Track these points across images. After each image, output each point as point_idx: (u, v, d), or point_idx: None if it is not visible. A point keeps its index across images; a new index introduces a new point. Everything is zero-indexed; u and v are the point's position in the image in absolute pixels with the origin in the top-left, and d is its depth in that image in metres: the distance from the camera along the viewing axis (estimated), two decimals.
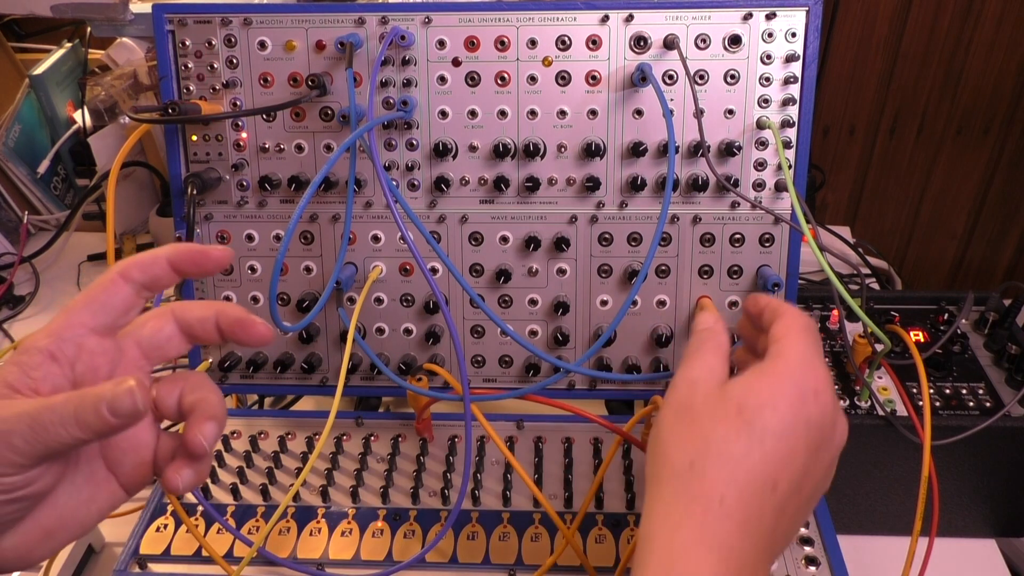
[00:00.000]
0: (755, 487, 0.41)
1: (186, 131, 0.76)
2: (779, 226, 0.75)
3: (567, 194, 0.75)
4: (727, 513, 0.41)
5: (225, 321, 0.45)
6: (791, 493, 0.43)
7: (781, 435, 0.42)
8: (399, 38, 0.72)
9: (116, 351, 0.44)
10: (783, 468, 0.42)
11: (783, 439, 0.42)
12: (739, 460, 0.42)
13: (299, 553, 0.67)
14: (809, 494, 0.45)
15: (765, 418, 0.42)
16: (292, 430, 0.78)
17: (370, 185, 0.77)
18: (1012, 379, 0.76)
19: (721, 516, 0.41)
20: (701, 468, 0.42)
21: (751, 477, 0.41)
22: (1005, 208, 1.59)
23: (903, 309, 0.85)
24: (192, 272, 0.46)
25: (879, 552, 0.74)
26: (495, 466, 0.75)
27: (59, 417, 0.38)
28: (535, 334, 0.79)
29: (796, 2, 0.70)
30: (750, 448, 0.42)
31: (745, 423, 0.42)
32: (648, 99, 0.73)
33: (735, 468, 0.42)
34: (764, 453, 0.42)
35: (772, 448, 0.42)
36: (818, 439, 0.44)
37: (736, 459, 0.42)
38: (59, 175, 1.36)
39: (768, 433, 0.42)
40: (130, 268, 0.44)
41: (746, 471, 0.41)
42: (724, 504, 0.41)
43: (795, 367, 0.44)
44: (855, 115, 1.52)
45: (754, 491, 0.41)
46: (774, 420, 0.42)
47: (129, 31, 0.91)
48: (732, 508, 0.41)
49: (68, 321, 0.42)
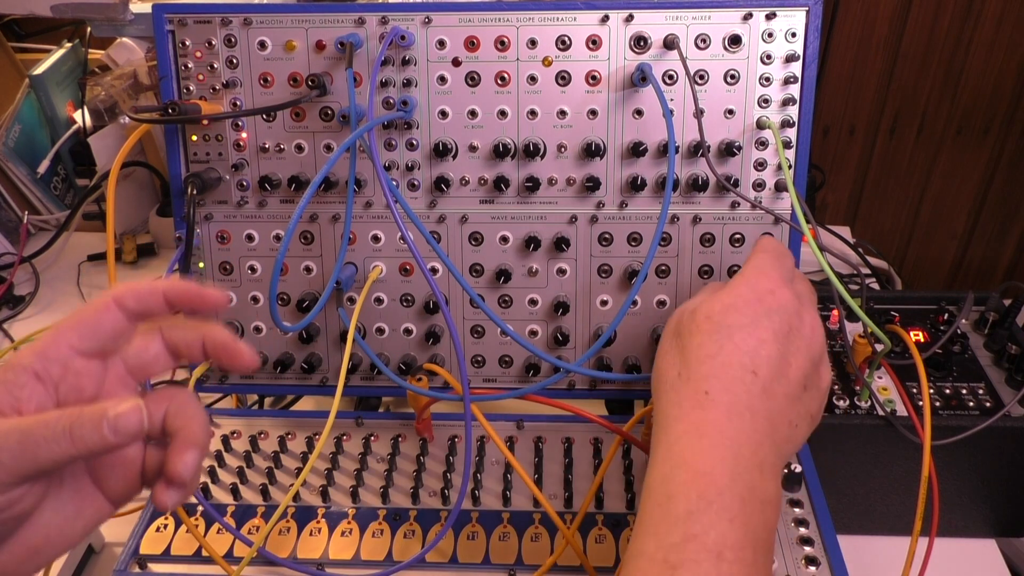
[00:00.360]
0: (733, 374, 0.47)
1: (186, 131, 0.76)
2: (779, 226, 0.75)
3: (567, 194, 0.75)
4: (712, 402, 0.46)
5: (211, 345, 0.45)
6: (774, 377, 0.48)
7: (745, 327, 0.48)
8: (399, 38, 0.72)
9: (102, 372, 0.44)
10: (756, 354, 0.48)
11: (748, 330, 0.48)
12: (714, 356, 0.48)
13: (299, 553, 0.67)
14: (798, 381, 0.49)
15: (729, 318, 0.49)
16: (292, 430, 0.78)
17: (370, 185, 0.77)
18: (1012, 379, 0.76)
19: (707, 406, 0.46)
20: (686, 375, 0.48)
21: (727, 367, 0.47)
22: (1005, 208, 1.59)
23: (903, 309, 0.85)
24: (187, 310, 0.46)
25: (879, 552, 0.74)
26: (495, 466, 0.75)
27: (52, 433, 0.37)
28: (535, 334, 0.79)
29: (796, 2, 0.70)
30: (721, 344, 0.48)
31: (714, 326, 0.49)
32: (648, 99, 0.73)
33: (712, 363, 0.48)
34: (734, 345, 0.48)
35: (740, 339, 0.48)
36: (782, 325, 0.49)
37: (712, 356, 0.48)
38: (59, 175, 1.36)
39: (734, 328, 0.48)
40: (125, 296, 0.44)
41: (722, 363, 0.47)
42: (709, 396, 0.46)
43: (750, 275, 0.52)
44: (855, 115, 1.52)
45: (733, 378, 0.47)
46: (736, 317, 0.49)
47: (129, 31, 0.92)
48: (717, 397, 0.46)
49: (55, 341, 0.42)
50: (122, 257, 1.26)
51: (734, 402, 0.46)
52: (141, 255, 1.27)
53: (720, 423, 0.46)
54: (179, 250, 0.74)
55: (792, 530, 0.67)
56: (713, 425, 0.46)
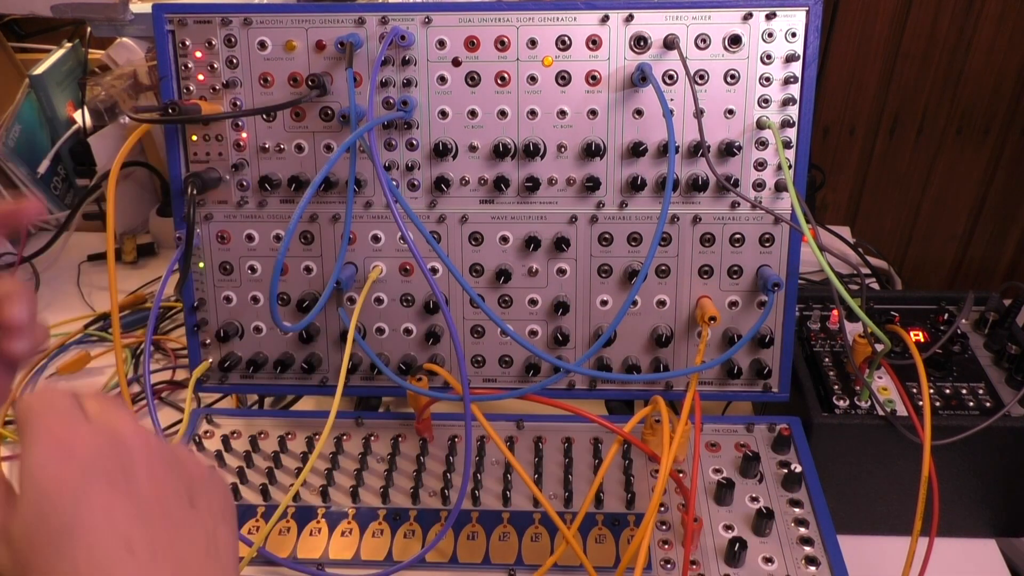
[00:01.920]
0: (110, 570, 0.35)
1: (186, 131, 0.76)
2: (779, 226, 0.75)
3: (567, 194, 0.75)
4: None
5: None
6: (151, 537, 0.37)
7: (76, 506, 0.36)
8: (399, 38, 0.72)
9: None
10: (112, 527, 0.36)
11: (82, 507, 0.36)
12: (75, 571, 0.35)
13: (299, 553, 0.67)
14: (179, 505, 0.39)
15: (48, 515, 0.35)
16: (292, 430, 0.78)
17: (370, 185, 0.77)
18: (1012, 379, 0.76)
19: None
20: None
21: (97, 570, 0.35)
22: (1005, 208, 1.59)
23: (903, 309, 0.85)
24: (8, 229, 0.46)
25: (879, 552, 0.74)
26: (495, 466, 0.75)
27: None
28: (535, 334, 0.79)
29: (796, 2, 0.70)
30: (71, 553, 0.35)
31: (46, 539, 0.35)
32: (648, 99, 0.73)
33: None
34: (84, 542, 0.35)
35: (84, 531, 0.35)
36: (112, 469, 0.37)
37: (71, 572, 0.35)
38: (59, 175, 1.36)
39: (67, 521, 0.35)
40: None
41: (90, 570, 0.35)
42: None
43: (35, 458, 0.37)
44: (855, 115, 1.52)
45: (111, 572, 0.35)
46: (52, 503, 0.36)
47: (129, 31, 0.92)
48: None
49: None
50: (122, 257, 1.26)
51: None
52: (141, 255, 1.27)
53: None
54: (179, 250, 0.74)
55: (792, 530, 0.67)
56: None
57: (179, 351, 1.06)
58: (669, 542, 0.67)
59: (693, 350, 0.79)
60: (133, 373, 1.04)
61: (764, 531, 0.67)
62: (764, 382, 0.78)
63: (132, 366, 1.05)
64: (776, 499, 0.70)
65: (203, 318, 0.80)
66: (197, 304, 0.80)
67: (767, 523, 0.66)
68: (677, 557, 0.66)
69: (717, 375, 0.79)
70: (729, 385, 0.79)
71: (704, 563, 0.65)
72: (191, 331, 0.81)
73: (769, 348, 0.77)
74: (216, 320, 0.80)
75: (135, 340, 1.08)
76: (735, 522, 0.68)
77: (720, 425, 0.77)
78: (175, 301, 1.11)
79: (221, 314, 0.80)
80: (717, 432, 0.77)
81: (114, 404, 0.41)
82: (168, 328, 1.11)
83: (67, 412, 0.39)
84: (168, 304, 1.13)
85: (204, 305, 0.80)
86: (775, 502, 0.70)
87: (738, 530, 0.67)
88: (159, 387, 1.00)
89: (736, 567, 0.65)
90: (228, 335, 0.79)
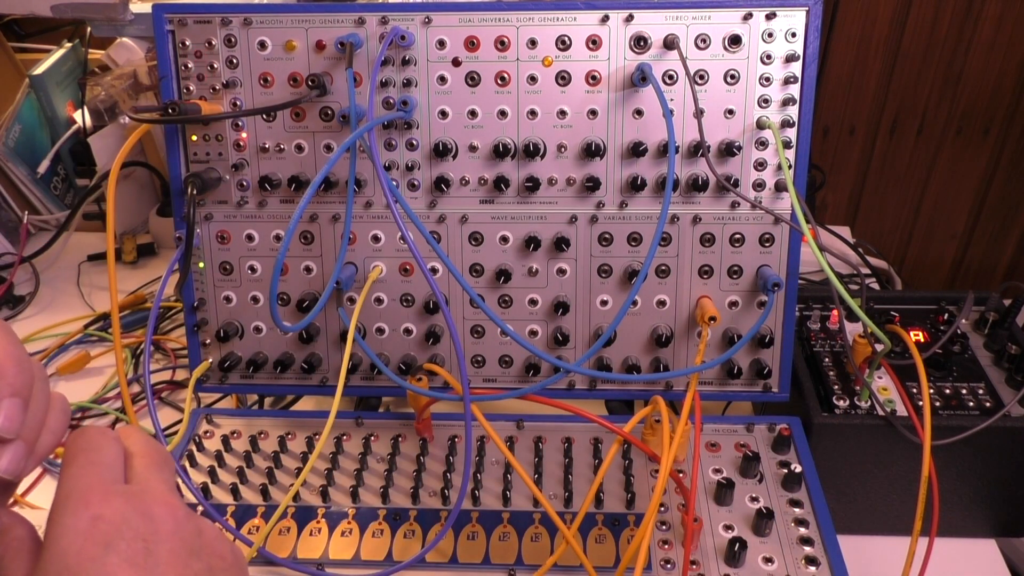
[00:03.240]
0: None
1: (186, 131, 0.76)
2: (779, 226, 0.75)
3: (567, 194, 0.75)
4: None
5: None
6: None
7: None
8: (399, 38, 0.72)
9: None
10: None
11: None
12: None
13: (299, 553, 0.67)
14: (184, 564, 0.39)
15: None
16: (292, 430, 0.78)
17: (370, 185, 0.77)
18: (1012, 379, 0.76)
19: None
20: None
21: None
22: (1005, 208, 1.59)
23: (903, 309, 0.85)
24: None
25: (879, 552, 0.74)
26: (495, 466, 0.75)
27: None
28: (535, 334, 0.79)
29: (796, 2, 0.70)
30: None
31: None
32: (648, 99, 0.73)
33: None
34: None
35: None
36: (132, 542, 0.38)
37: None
38: (59, 175, 1.36)
39: None
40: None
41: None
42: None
43: (61, 520, 0.38)
44: (855, 115, 1.52)
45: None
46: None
47: (129, 31, 0.92)
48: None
49: None
50: (122, 257, 1.26)
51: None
52: (141, 255, 1.27)
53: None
54: (179, 250, 0.74)
55: (792, 530, 0.67)
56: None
57: (179, 351, 1.06)
58: (669, 542, 0.67)
59: (693, 350, 0.79)
60: (133, 373, 1.04)
61: (764, 531, 0.67)
62: (764, 382, 0.79)
63: (132, 366, 1.05)
64: (776, 499, 0.70)
65: (203, 318, 0.80)
66: (197, 304, 0.80)
67: (767, 523, 0.66)
68: (677, 557, 0.66)
69: (717, 375, 0.79)
70: (729, 385, 0.79)
71: (704, 563, 0.65)
72: (191, 331, 0.81)
73: (769, 348, 0.77)
74: (216, 320, 0.80)
75: (135, 340, 1.08)
76: (735, 522, 0.68)
77: (720, 425, 0.77)
78: (175, 301, 1.12)
79: (221, 314, 0.80)
80: (717, 432, 0.77)
81: (157, 468, 0.42)
82: (168, 328, 1.11)
83: (107, 471, 0.40)
84: (168, 304, 1.13)
85: (204, 305, 0.80)
86: (775, 502, 0.70)
87: (738, 530, 0.67)
88: (159, 387, 1.00)
89: (736, 567, 0.65)
90: (228, 335, 0.79)
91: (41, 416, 0.41)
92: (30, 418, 0.40)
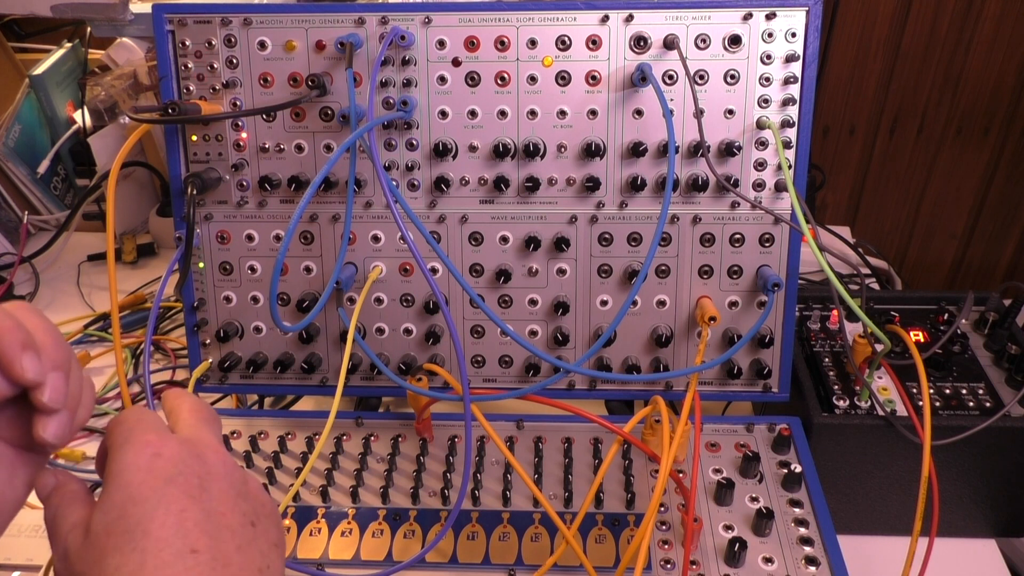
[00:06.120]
0: (174, 571, 0.39)
1: (186, 131, 0.76)
2: (779, 226, 0.75)
3: (567, 194, 0.75)
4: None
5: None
6: (215, 540, 0.41)
7: (154, 509, 0.40)
8: (399, 38, 0.72)
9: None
10: (184, 531, 0.40)
11: (160, 510, 0.40)
12: (141, 567, 0.39)
13: (299, 553, 0.67)
14: (242, 525, 0.42)
15: (130, 513, 0.40)
16: (292, 430, 0.78)
17: (370, 185, 0.77)
18: (1012, 379, 0.76)
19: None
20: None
21: (162, 568, 0.39)
22: (1005, 208, 1.59)
23: (903, 309, 0.85)
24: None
25: (879, 552, 0.74)
26: (495, 466, 0.75)
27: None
28: (535, 334, 0.79)
29: (796, 2, 0.70)
30: (141, 550, 0.39)
31: (121, 535, 0.40)
32: (648, 99, 0.73)
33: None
34: (155, 539, 0.39)
35: (158, 527, 0.40)
36: (190, 480, 0.42)
37: (138, 570, 0.39)
38: (59, 175, 1.36)
39: (143, 520, 0.40)
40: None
41: (154, 569, 0.39)
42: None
43: (123, 456, 0.42)
44: (855, 115, 1.52)
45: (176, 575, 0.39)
46: (138, 508, 0.40)
47: (129, 31, 0.92)
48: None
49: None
50: (122, 257, 1.26)
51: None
52: (141, 255, 1.27)
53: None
54: (179, 250, 0.74)
55: (792, 530, 0.67)
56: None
57: (179, 351, 1.06)
58: (669, 542, 0.67)
59: (693, 350, 0.79)
60: (133, 373, 1.04)
61: (764, 531, 0.67)
62: (764, 382, 0.79)
63: (132, 366, 1.05)
64: (776, 499, 0.70)
65: (203, 318, 0.80)
66: (197, 304, 0.80)
67: (767, 523, 0.66)
68: (677, 557, 0.66)
69: (717, 375, 0.79)
70: (729, 385, 0.79)
71: (704, 563, 0.65)
72: (191, 331, 0.81)
73: (769, 348, 0.77)
74: (216, 320, 0.80)
75: (135, 340, 1.08)
76: (735, 522, 0.68)
77: (720, 425, 0.77)
78: (175, 301, 1.12)
79: (221, 314, 0.80)
80: (717, 432, 0.77)
81: (206, 422, 0.47)
82: (168, 328, 1.11)
83: (159, 425, 0.44)
84: (168, 304, 1.13)
85: (204, 305, 0.80)
86: (775, 502, 0.70)
87: (738, 530, 0.67)
88: (159, 387, 1.00)
89: (736, 567, 0.65)
90: (228, 335, 0.79)
91: (78, 389, 0.44)
92: (71, 390, 0.42)
